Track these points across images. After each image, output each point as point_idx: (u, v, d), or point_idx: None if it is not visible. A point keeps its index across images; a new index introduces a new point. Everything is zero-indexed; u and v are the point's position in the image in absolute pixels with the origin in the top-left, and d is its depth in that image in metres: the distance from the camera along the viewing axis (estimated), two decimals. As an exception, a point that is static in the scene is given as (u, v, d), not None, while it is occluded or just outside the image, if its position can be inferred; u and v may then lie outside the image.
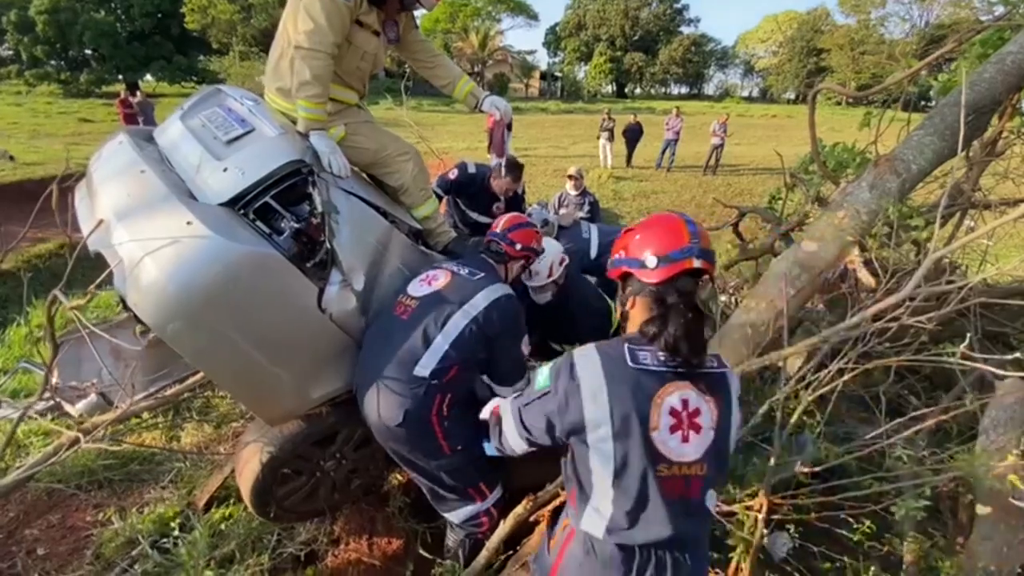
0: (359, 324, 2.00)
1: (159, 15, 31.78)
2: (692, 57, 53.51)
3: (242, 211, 1.81)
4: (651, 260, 1.18)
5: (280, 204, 1.85)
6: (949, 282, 1.73)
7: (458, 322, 1.88)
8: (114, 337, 2.70)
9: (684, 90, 60.20)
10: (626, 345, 1.18)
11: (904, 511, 1.52)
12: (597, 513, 1.19)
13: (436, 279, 2.01)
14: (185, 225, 1.62)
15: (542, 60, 58.09)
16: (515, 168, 3.44)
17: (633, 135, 14.58)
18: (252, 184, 1.81)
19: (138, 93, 15.59)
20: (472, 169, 3.57)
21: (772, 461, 1.75)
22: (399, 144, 2.38)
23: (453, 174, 3.61)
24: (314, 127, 2.01)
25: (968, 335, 1.55)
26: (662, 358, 1.15)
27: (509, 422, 1.36)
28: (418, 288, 2.00)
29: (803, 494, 1.71)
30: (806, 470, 1.82)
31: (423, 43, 2.46)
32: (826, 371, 1.70)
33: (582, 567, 1.22)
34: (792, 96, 52.19)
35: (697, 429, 1.14)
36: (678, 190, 11.94)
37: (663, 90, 57.49)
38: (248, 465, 2.06)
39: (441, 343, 1.85)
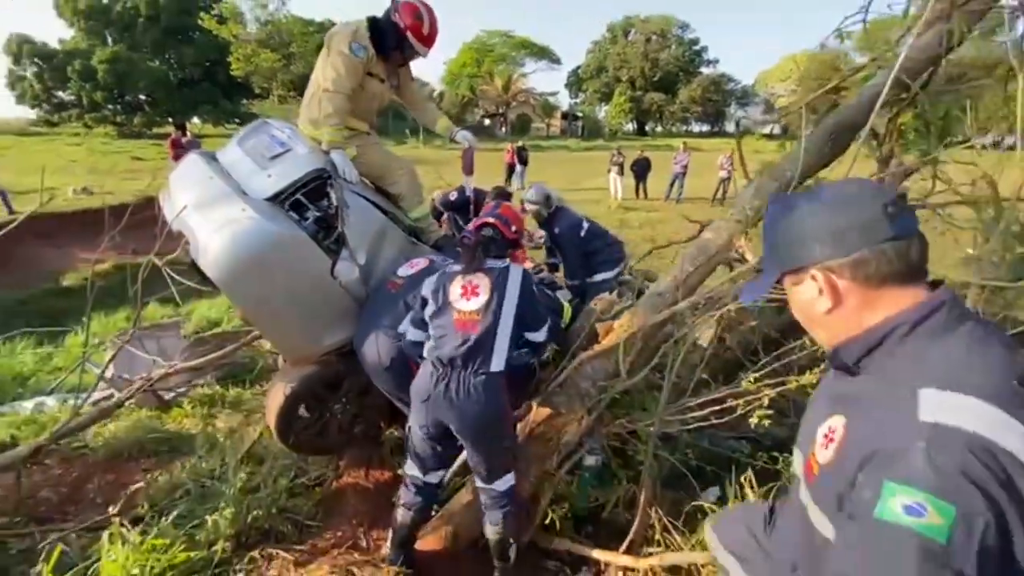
0: (361, 290, 2.66)
1: (207, 63, 34.53)
2: (712, 96, 54.28)
3: (280, 204, 2.51)
4: (478, 219, 2.39)
5: (307, 200, 2.57)
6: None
7: None
8: (162, 337, 3.55)
9: (705, 128, 60.94)
10: (451, 261, 2.35)
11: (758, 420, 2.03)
12: (429, 342, 2.17)
13: (417, 264, 2.66)
14: (241, 211, 2.33)
15: (564, 100, 60.09)
16: (502, 196, 4.28)
17: (641, 169, 15.32)
18: (287, 185, 2.53)
19: (188, 134, 17.08)
20: (469, 192, 4.36)
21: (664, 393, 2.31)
22: (399, 161, 3.13)
23: (453, 195, 4.45)
24: (334, 147, 2.73)
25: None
26: (462, 265, 2.18)
27: (406, 324, 2.32)
28: (405, 270, 2.65)
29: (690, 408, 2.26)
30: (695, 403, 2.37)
31: (418, 91, 3.30)
32: (696, 318, 2.27)
33: (418, 377, 2.17)
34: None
35: (476, 294, 2.12)
36: (682, 219, 12.45)
37: (684, 128, 58.41)
38: (274, 398, 2.70)
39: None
